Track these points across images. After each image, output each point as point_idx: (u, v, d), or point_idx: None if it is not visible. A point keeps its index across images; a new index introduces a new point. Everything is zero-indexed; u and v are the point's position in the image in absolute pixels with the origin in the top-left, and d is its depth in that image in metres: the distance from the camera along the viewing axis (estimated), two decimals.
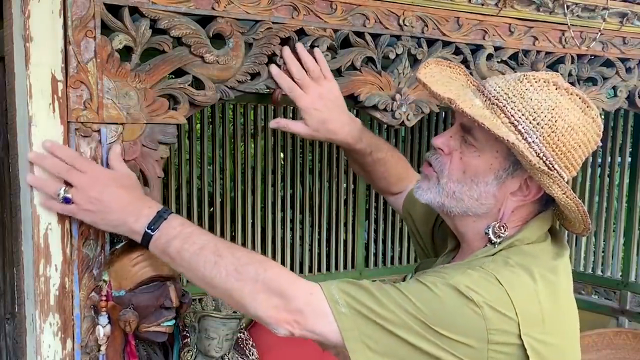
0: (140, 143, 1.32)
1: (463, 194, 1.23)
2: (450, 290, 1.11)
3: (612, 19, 1.92)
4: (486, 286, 1.12)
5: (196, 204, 3.03)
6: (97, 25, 1.24)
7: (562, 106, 1.17)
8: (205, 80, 1.38)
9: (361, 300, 1.11)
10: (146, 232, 1.18)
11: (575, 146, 1.19)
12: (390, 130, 3.52)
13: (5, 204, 1.56)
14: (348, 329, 1.10)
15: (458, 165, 1.24)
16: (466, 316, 1.10)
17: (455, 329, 1.09)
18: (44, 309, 1.25)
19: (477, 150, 1.22)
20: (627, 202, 3.55)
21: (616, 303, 3.44)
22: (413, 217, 1.63)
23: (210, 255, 1.16)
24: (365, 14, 1.55)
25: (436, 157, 1.27)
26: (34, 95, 1.21)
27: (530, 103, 1.17)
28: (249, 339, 2.55)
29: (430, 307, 1.10)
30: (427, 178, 1.29)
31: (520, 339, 1.11)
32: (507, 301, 1.11)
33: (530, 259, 1.20)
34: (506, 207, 1.23)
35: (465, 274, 1.14)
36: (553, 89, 1.18)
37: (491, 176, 1.22)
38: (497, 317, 1.10)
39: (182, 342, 2.21)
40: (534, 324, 1.13)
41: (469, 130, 1.22)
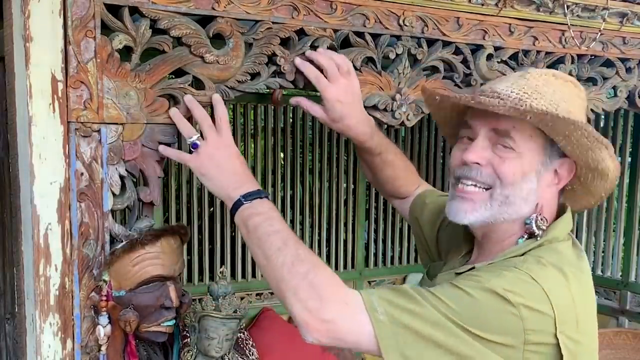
0: (140, 143, 1.32)
1: (515, 197, 1.25)
2: (487, 293, 1.12)
3: (612, 19, 1.92)
4: (522, 286, 1.13)
5: (196, 204, 3.03)
6: (97, 25, 1.24)
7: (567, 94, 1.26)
8: (205, 80, 1.38)
9: (400, 306, 1.12)
10: (239, 199, 1.27)
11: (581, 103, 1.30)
12: (390, 130, 3.52)
13: (5, 204, 1.56)
14: (385, 337, 1.11)
15: (505, 169, 1.24)
16: (504, 317, 1.11)
17: (493, 330, 1.11)
18: (44, 309, 1.25)
19: (515, 152, 1.24)
20: (627, 202, 3.55)
21: (616, 303, 3.44)
22: (420, 222, 1.63)
23: (278, 241, 1.21)
24: (365, 14, 1.55)
25: (477, 171, 1.26)
26: (34, 95, 1.21)
27: (547, 96, 1.23)
28: (249, 339, 2.55)
29: (468, 310, 1.11)
30: (471, 200, 1.26)
31: (555, 337, 1.13)
32: (543, 297, 1.13)
33: (560, 258, 1.22)
34: (545, 199, 1.27)
35: (500, 276, 1.15)
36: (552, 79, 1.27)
37: (533, 173, 1.25)
38: (534, 316, 1.12)
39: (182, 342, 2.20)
40: (569, 321, 1.15)
41: (506, 134, 1.23)
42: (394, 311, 1.11)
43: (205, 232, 3.10)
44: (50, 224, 1.25)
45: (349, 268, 3.39)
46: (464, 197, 1.27)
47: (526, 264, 1.18)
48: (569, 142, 1.22)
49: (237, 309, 2.21)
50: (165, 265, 1.37)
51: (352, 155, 3.48)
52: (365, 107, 1.60)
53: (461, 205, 1.27)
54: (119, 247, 1.31)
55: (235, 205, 1.27)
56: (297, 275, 1.16)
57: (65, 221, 1.26)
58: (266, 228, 1.23)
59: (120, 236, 1.33)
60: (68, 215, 1.26)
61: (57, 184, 1.25)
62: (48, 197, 1.24)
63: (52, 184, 1.24)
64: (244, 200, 1.26)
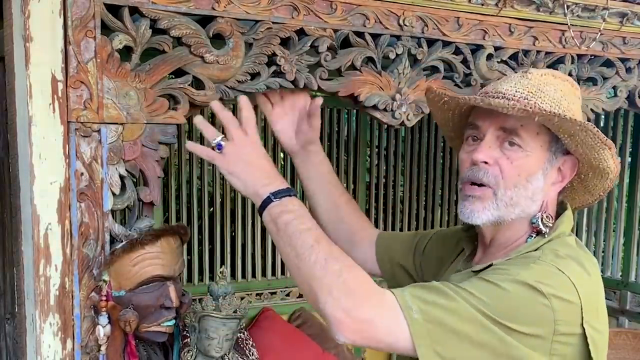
0: (140, 143, 1.32)
1: (519, 197, 1.25)
2: (519, 285, 1.13)
3: (612, 19, 1.92)
4: (551, 277, 1.15)
5: (196, 204, 3.03)
6: (97, 25, 1.24)
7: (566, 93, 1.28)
8: (205, 80, 1.38)
9: (432, 302, 1.12)
10: (269, 196, 1.25)
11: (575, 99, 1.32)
12: (390, 130, 3.52)
13: (5, 204, 1.56)
14: (420, 335, 1.10)
15: (511, 170, 1.25)
16: (536, 308, 1.12)
17: (524, 321, 1.12)
18: (44, 309, 1.25)
19: (524, 150, 1.25)
20: (627, 202, 3.55)
21: (616, 303, 3.44)
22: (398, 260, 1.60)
23: (309, 239, 1.19)
24: (365, 14, 1.55)
25: (484, 172, 1.26)
26: (34, 95, 1.21)
27: (550, 95, 1.25)
28: (249, 339, 2.55)
29: (500, 303, 1.12)
30: (481, 199, 1.27)
31: (581, 327, 1.15)
32: (571, 287, 1.15)
33: (572, 250, 1.25)
34: (549, 197, 1.29)
35: (529, 269, 1.16)
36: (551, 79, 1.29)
37: (540, 172, 1.26)
38: (564, 307, 1.13)
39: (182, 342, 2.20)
40: (592, 310, 1.17)
41: (513, 132, 1.24)
42: (428, 308, 1.11)
43: (205, 232, 3.10)
44: (50, 224, 1.25)
45: None
46: (474, 196, 1.27)
47: (549, 257, 1.20)
48: (574, 140, 1.24)
49: (237, 309, 2.21)
50: (165, 265, 1.37)
51: (351, 156, 3.48)
52: (365, 107, 1.60)
53: (472, 205, 1.27)
54: (119, 247, 1.31)
55: (265, 202, 1.25)
56: (331, 273, 1.14)
57: (65, 221, 1.26)
58: (297, 226, 1.21)
59: (120, 236, 1.33)
60: (68, 215, 1.26)
61: (57, 184, 1.25)
62: (48, 197, 1.24)
63: (52, 184, 1.24)
64: (274, 198, 1.24)
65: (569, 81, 1.32)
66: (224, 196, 3.07)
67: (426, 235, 1.60)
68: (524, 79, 1.27)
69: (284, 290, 3.23)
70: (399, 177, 3.63)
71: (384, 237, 1.65)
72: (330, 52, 1.53)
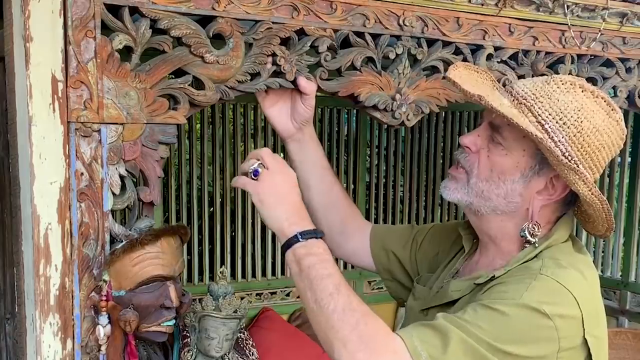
0: (140, 143, 1.32)
1: (491, 193, 1.26)
2: (522, 309, 1.13)
3: (612, 19, 1.92)
4: (554, 295, 1.15)
5: (196, 204, 3.03)
6: (97, 25, 1.24)
7: (588, 108, 1.21)
8: (205, 80, 1.38)
9: (439, 346, 1.11)
10: (296, 235, 1.22)
11: (600, 147, 1.22)
12: (390, 130, 3.52)
13: (5, 204, 1.56)
14: None
15: (486, 163, 1.26)
16: (540, 330, 1.12)
17: (529, 344, 1.12)
18: (44, 309, 1.25)
19: (504, 149, 1.25)
20: (627, 202, 3.55)
21: (616, 303, 3.44)
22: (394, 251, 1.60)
23: (330, 285, 1.17)
24: (365, 14, 1.55)
25: (465, 155, 1.30)
26: (34, 95, 1.21)
27: (557, 104, 1.20)
28: (249, 339, 2.55)
29: (503, 330, 1.12)
30: (455, 179, 1.31)
31: (583, 337, 1.15)
32: (572, 301, 1.15)
33: (573, 258, 1.24)
34: (534, 206, 1.26)
35: (530, 289, 1.15)
36: (579, 91, 1.22)
37: (517, 174, 1.24)
38: (567, 324, 1.14)
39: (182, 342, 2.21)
40: (592, 318, 1.17)
41: (497, 129, 1.25)
42: (435, 352, 1.11)
43: (205, 232, 3.10)
44: (50, 224, 1.25)
45: (349, 268, 3.39)
46: (452, 175, 1.32)
47: (550, 269, 1.19)
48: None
49: (237, 309, 2.22)
50: (165, 265, 1.37)
51: (351, 155, 3.48)
52: (365, 107, 1.60)
53: (448, 182, 1.33)
54: (119, 247, 1.31)
55: (290, 241, 1.23)
56: (347, 325, 1.13)
57: (65, 221, 1.26)
58: (320, 271, 1.19)
59: (120, 236, 1.33)
60: (68, 215, 1.26)
61: (57, 184, 1.25)
62: (48, 197, 1.24)
63: (52, 184, 1.24)
64: (301, 238, 1.22)
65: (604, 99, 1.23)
66: (224, 196, 3.07)
67: (424, 229, 1.60)
68: (542, 82, 1.25)
69: (284, 290, 3.23)
70: (399, 177, 3.63)
71: (378, 229, 1.64)
72: (330, 52, 1.53)
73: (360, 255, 1.64)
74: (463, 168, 1.30)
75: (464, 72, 1.34)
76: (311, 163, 1.58)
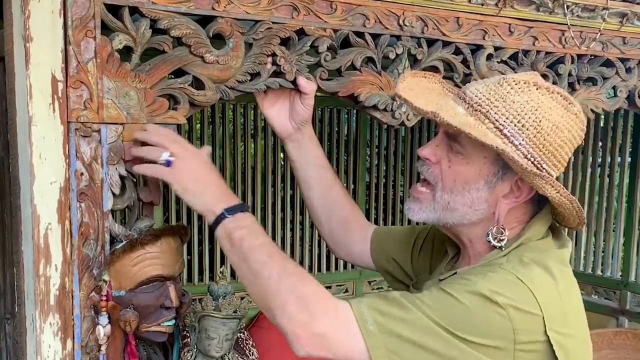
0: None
1: (456, 203, 1.24)
2: (475, 296, 1.12)
3: (612, 19, 1.92)
4: (509, 287, 1.13)
5: None
6: (97, 25, 1.24)
7: (545, 106, 1.18)
8: (205, 80, 1.38)
9: (388, 314, 1.12)
10: (222, 213, 1.23)
11: (562, 144, 1.20)
12: (390, 130, 3.52)
13: (5, 204, 1.56)
14: (375, 346, 1.11)
15: (448, 174, 1.24)
16: (492, 320, 1.11)
17: (482, 333, 1.11)
18: (44, 309, 1.25)
19: (464, 158, 1.22)
20: (627, 202, 3.55)
21: (616, 303, 3.44)
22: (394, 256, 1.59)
23: (263, 255, 1.19)
24: (365, 14, 1.55)
25: (427, 168, 1.27)
26: (34, 95, 1.21)
27: (513, 106, 1.18)
28: (249, 339, 2.55)
29: (456, 315, 1.11)
30: (418, 200, 1.29)
31: (545, 335, 1.13)
32: (530, 298, 1.13)
33: (541, 254, 1.21)
34: (500, 210, 1.24)
35: (486, 278, 1.15)
36: (534, 90, 1.19)
37: (481, 182, 1.22)
38: (522, 317, 1.12)
39: (182, 342, 2.21)
40: (557, 318, 1.15)
41: (455, 138, 1.22)
42: (383, 320, 1.11)
43: (205, 232, 3.10)
44: (50, 224, 1.25)
45: (349, 268, 3.39)
46: (414, 197, 1.30)
47: (511, 264, 1.18)
48: None
49: (237, 309, 2.22)
50: (165, 265, 1.37)
51: (352, 155, 3.48)
52: (365, 107, 1.60)
53: (412, 204, 1.31)
54: (119, 247, 1.31)
55: (218, 218, 1.24)
56: (284, 289, 1.15)
57: (65, 221, 1.26)
58: (251, 242, 1.21)
59: (120, 236, 1.33)
60: (68, 215, 1.26)
61: (57, 184, 1.25)
62: (48, 197, 1.24)
63: (52, 184, 1.24)
64: (227, 214, 1.23)
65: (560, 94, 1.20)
66: None
67: (424, 231, 1.59)
68: (495, 85, 1.21)
69: None
70: (399, 177, 3.63)
71: (379, 233, 1.64)
72: (330, 52, 1.53)
73: (362, 257, 1.64)
74: (427, 182, 1.28)
75: (412, 80, 1.31)
76: (311, 163, 1.58)
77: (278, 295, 1.15)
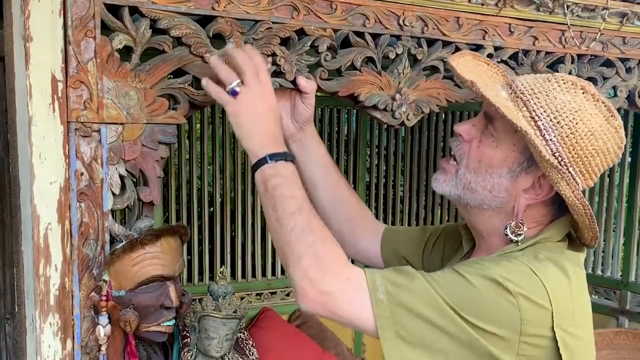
0: (140, 143, 1.32)
1: (477, 185, 1.26)
2: (487, 281, 1.12)
3: (612, 19, 1.92)
4: (522, 277, 1.14)
5: (196, 204, 3.03)
6: (97, 25, 1.24)
7: (586, 110, 1.18)
8: None
9: (400, 285, 1.13)
10: (265, 157, 1.24)
11: (594, 153, 1.19)
12: (390, 130, 3.52)
13: (5, 204, 1.56)
14: (383, 316, 1.11)
15: (475, 153, 1.26)
16: (501, 306, 1.11)
17: (489, 319, 1.11)
18: (44, 309, 1.25)
19: (495, 141, 1.24)
20: (627, 202, 3.55)
21: (616, 303, 3.44)
22: (405, 256, 1.59)
23: (293, 206, 1.20)
24: (365, 14, 1.55)
25: (457, 144, 1.30)
26: (34, 95, 1.21)
27: (554, 102, 1.19)
28: (249, 339, 2.55)
29: (466, 297, 1.12)
30: (445, 171, 1.32)
31: (552, 331, 1.13)
32: (542, 291, 1.13)
33: (557, 254, 1.22)
34: (519, 205, 1.25)
35: (500, 265, 1.16)
36: (580, 93, 1.20)
37: (505, 169, 1.24)
38: (532, 308, 1.12)
39: (182, 342, 2.21)
40: (566, 316, 1.15)
41: (491, 120, 1.24)
42: (395, 290, 1.12)
43: (205, 232, 3.10)
44: (50, 224, 1.25)
45: None
46: (442, 167, 1.33)
47: (526, 257, 1.19)
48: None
49: (237, 309, 2.21)
50: (165, 265, 1.37)
51: (351, 155, 3.48)
52: (365, 107, 1.60)
53: (439, 175, 1.33)
54: (119, 247, 1.31)
55: (259, 162, 1.25)
56: (303, 243, 1.16)
57: (65, 221, 1.26)
58: (284, 191, 1.22)
59: (120, 236, 1.33)
60: (68, 215, 1.26)
61: (57, 184, 1.25)
62: (48, 197, 1.24)
63: (52, 184, 1.24)
64: (269, 160, 1.24)
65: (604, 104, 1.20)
66: (224, 196, 3.07)
67: (435, 232, 1.59)
68: (543, 79, 1.23)
69: (284, 290, 3.23)
70: (399, 177, 3.63)
71: (390, 234, 1.64)
72: (330, 52, 1.53)
73: (370, 256, 1.64)
74: (454, 157, 1.31)
75: (471, 61, 1.33)
76: (314, 162, 1.58)
77: (296, 247, 1.16)
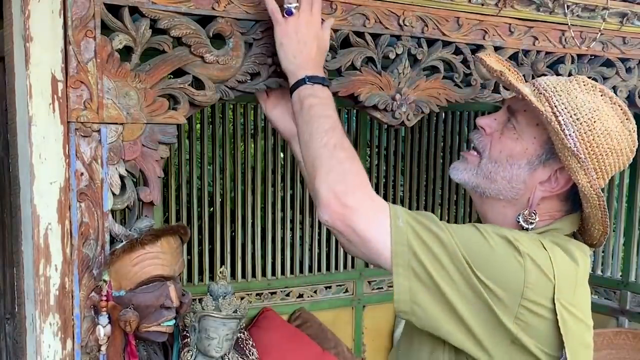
0: (140, 143, 1.32)
1: (497, 175, 1.30)
2: (500, 239, 1.17)
3: (612, 19, 1.92)
4: (532, 244, 1.18)
5: (196, 204, 3.03)
6: (97, 25, 1.24)
7: (603, 111, 1.25)
8: (205, 80, 1.38)
9: (420, 222, 1.16)
10: (304, 78, 1.32)
11: (608, 151, 1.25)
12: (390, 130, 3.52)
13: (5, 204, 1.56)
14: (399, 242, 1.14)
15: (496, 144, 1.31)
16: (509, 265, 1.15)
17: (495, 277, 1.14)
18: (44, 309, 1.25)
19: (516, 133, 1.29)
20: (627, 202, 3.55)
21: (616, 303, 3.44)
22: None
23: (327, 124, 1.26)
24: (365, 14, 1.55)
25: (479, 136, 1.35)
26: (34, 95, 1.21)
27: (575, 100, 1.24)
28: (249, 339, 2.55)
29: (478, 251, 1.15)
30: (466, 160, 1.36)
31: (552, 303, 1.16)
32: (548, 263, 1.17)
33: (565, 242, 1.26)
34: (534, 196, 1.29)
35: (513, 231, 1.21)
36: (598, 94, 1.27)
37: (524, 160, 1.28)
38: (536, 273, 1.15)
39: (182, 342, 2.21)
40: (568, 293, 1.18)
41: (514, 113, 1.30)
42: (415, 224, 1.16)
43: (205, 232, 3.10)
44: (50, 224, 1.25)
45: (349, 268, 3.38)
46: (464, 157, 1.37)
47: (536, 236, 1.24)
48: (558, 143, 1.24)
49: (237, 309, 2.21)
50: (165, 265, 1.37)
51: None
52: (365, 107, 1.60)
53: (459, 163, 1.37)
54: (119, 247, 1.31)
55: (298, 82, 1.32)
56: (335, 159, 1.20)
57: (65, 221, 1.26)
58: (319, 111, 1.27)
59: (120, 236, 1.33)
60: (68, 215, 1.26)
61: (57, 184, 1.25)
62: (48, 197, 1.24)
63: (52, 184, 1.24)
64: (307, 81, 1.31)
65: (620, 107, 1.27)
66: (224, 196, 3.07)
67: None
68: (565, 80, 1.29)
69: (284, 290, 3.23)
70: (399, 177, 3.63)
71: None
72: (330, 52, 1.53)
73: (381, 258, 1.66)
74: (476, 150, 1.35)
75: (495, 63, 1.37)
76: None
77: (327, 161, 1.20)
